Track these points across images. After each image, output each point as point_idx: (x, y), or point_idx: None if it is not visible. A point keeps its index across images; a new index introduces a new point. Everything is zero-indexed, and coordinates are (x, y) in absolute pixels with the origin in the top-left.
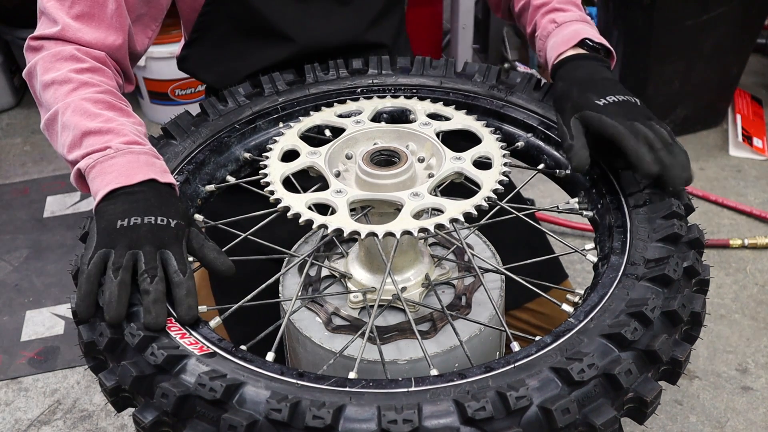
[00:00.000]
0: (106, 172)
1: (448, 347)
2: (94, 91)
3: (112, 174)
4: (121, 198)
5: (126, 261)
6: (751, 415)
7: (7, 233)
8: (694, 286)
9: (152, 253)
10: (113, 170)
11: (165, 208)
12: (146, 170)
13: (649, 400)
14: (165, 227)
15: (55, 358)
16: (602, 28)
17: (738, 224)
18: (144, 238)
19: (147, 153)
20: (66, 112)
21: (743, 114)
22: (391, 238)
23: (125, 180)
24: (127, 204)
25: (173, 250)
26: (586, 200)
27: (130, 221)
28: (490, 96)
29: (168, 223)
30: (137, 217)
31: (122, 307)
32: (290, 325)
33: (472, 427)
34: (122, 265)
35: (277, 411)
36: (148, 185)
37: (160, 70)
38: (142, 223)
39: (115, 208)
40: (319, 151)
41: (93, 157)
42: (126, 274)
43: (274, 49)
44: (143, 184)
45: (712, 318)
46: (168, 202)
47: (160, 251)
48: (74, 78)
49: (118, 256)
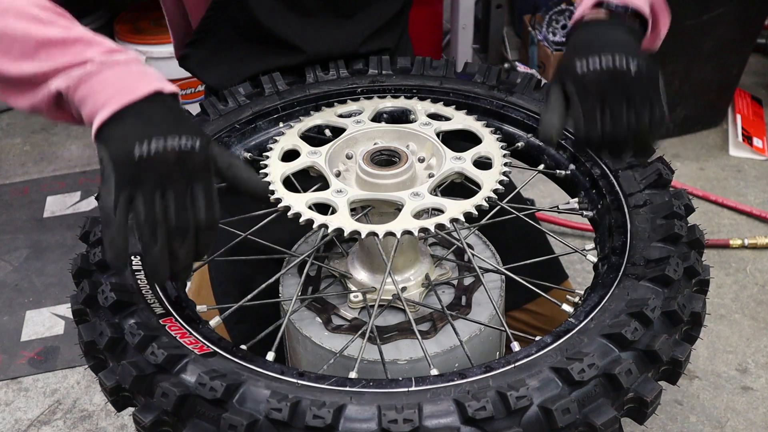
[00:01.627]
0: (97, 90)
1: (448, 347)
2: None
3: (108, 91)
4: (128, 119)
5: (160, 213)
6: (751, 415)
7: (7, 233)
8: (694, 286)
9: (183, 195)
10: (106, 86)
11: (184, 126)
12: (146, 80)
13: (649, 400)
14: (191, 153)
15: (55, 358)
16: None
17: (738, 224)
18: (173, 172)
19: (135, 61)
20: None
21: (743, 114)
22: (391, 238)
23: (127, 96)
24: (139, 124)
25: (204, 185)
26: (586, 200)
27: (151, 148)
28: (490, 96)
29: (193, 147)
30: (158, 140)
31: (166, 272)
32: (290, 325)
33: (472, 427)
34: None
35: (277, 410)
36: (155, 99)
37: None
38: (165, 150)
39: (126, 131)
40: (320, 151)
41: (72, 74)
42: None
43: (278, 56)
44: (150, 98)
45: (712, 318)
46: (183, 116)
47: (191, 189)
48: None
49: (148, 203)
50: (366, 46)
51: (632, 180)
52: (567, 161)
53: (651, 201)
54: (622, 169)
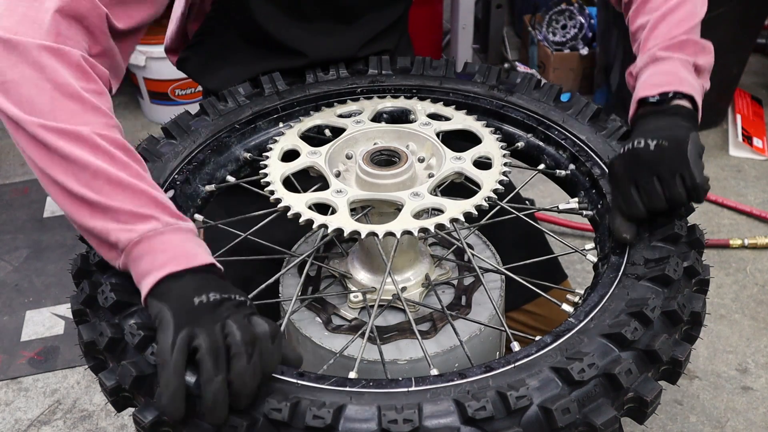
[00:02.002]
0: (159, 249)
1: (448, 347)
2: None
3: (169, 253)
4: (186, 280)
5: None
6: (751, 415)
7: (7, 233)
8: (694, 285)
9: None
10: (168, 248)
11: (236, 290)
12: (204, 252)
13: (649, 399)
14: (245, 304)
15: (55, 358)
16: (602, 29)
17: (738, 224)
18: (232, 311)
19: (193, 231)
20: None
21: (743, 114)
22: (391, 238)
23: (188, 261)
24: (197, 284)
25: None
26: (586, 200)
27: (210, 297)
28: (490, 96)
29: (246, 301)
30: (215, 294)
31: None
32: (290, 325)
33: (472, 427)
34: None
35: (277, 411)
36: (210, 270)
37: (160, 70)
38: (223, 299)
39: (185, 288)
40: (320, 151)
41: (137, 228)
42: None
43: (279, 61)
44: (206, 268)
45: (712, 318)
46: (233, 287)
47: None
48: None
49: (210, 335)
50: (365, 50)
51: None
52: (567, 161)
53: None
54: None
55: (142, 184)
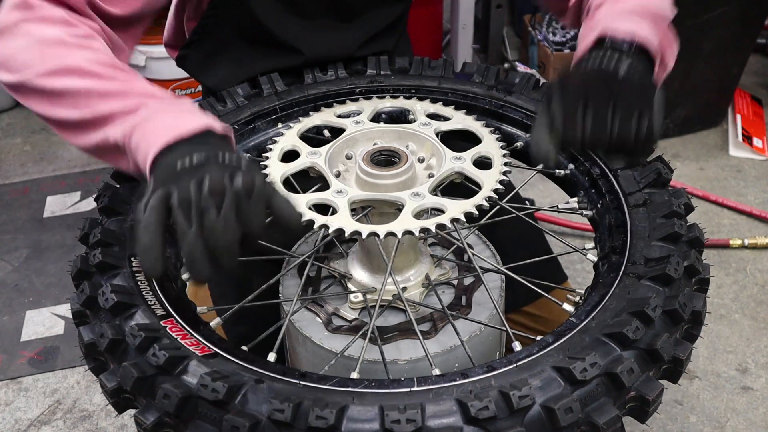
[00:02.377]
0: (149, 132)
1: (448, 347)
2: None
3: (159, 132)
4: (179, 148)
5: (194, 190)
6: (751, 415)
7: (7, 233)
8: (695, 285)
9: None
10: (157, 128)
11: (230, 150)
12: (198, 119)
13: (650, 399)
14: (235, 166)
15: (55, 358)
16: None
17: (738, 224)
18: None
19: (189, 105)
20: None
21: (743, 114)
22: (391, 238)
23: (177, 130)
24: (186, 150)
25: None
26: (585, 200)
27: (193, 159)
28: (489, 96)
29: (238, 163)
30: (200, 155)
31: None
32: (290, 326)
33: (475, 427)
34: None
35: (280, 411)
36: (206, 135)
37: (160, 70)
38: (207, 160)
39: (173, 158)
40: (319, 152)
41: (127, 121)
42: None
43: (277, 58)
44: (201, 134)
45: (712, 318)
46: (231, 150)
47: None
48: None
49: (183, 190)
50: (364, 49)
51: (631, 179)
52: (566, 161)
53: (651, 200)
54: (621, 169)
55: (127, 85)
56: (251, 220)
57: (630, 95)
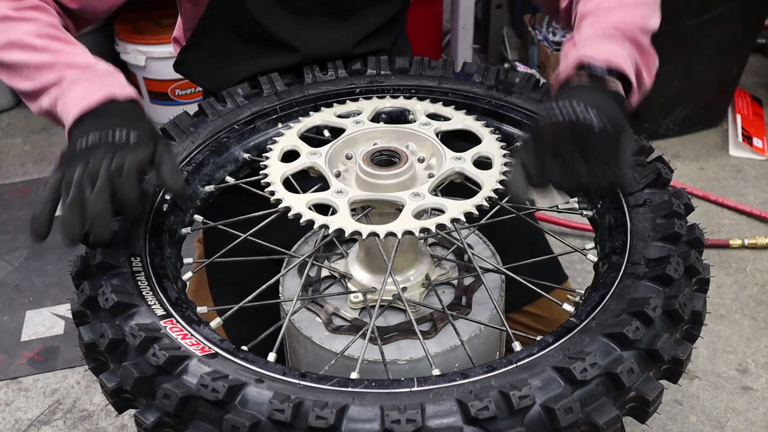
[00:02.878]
0: (67, 103)
1: (448, 347)
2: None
3: (73, 101)
4: (85, 122)
5: (78, 174)
6: (751, 415)
7: (7, 233)
8: (695, 285)
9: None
10: (72, 100)
11: (127, 124)
12: (102, 89)
13: (651, 399)
14: (123, 144)
15: (55, 358)
16: None
17: (738, 224)
18: (99, 152)
19: (103, 74)
20: (11, 51)
21: (743, 114)
22: (391, 238)
23: (84, 103)
24: (88, 126)
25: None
26: (585, 200)
27: (88, 141)
28: (489, 96)
29: (127, 140)
30: (95, 134)
31: (77, 226)
32: (291, 326)
33: (475, 427)
34: (73, 181)
35: (280, 411)
36: (109, 105)
37: (160, 70)
38: (99, 142)
39: (78, 134)
40: (319, 152)
41: (51, 93)
42: (78, 190)
43: (274, 57)
44: (104, 104)
45: (712, 318)
46: (130, 117)
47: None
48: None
49: (71, 173)
50: (361, 47)
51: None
52: None
53: (650, 200)
54: None
55: (56, 57)
56: (123, 193)
57: (599, 145)
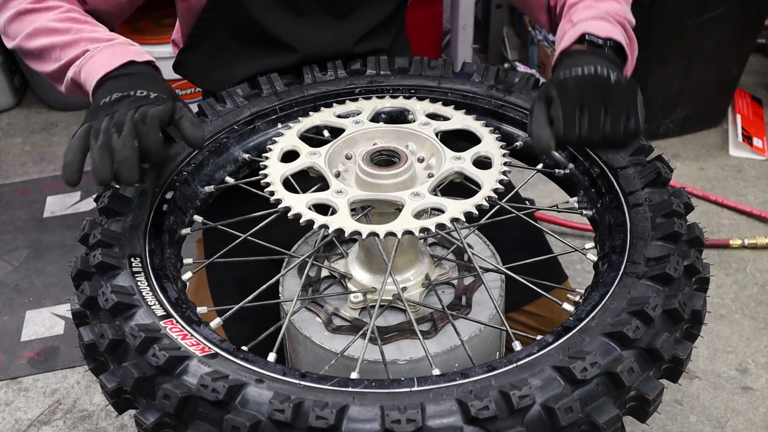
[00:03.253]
0: (90, 69)
1: (448, 347)
2: (57, 13)
3: (96, 67)
4: (107, 84)
5: (105, 124)
6: (751, 415)
7: (7, 233)
8: (695, 284)
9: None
10: (95, 65)
11: (146, 84)
12: (123, 55)
13: (651, 398)
14: (144, 97)
15: (55, 358)
16: None
17: (738, 224)
18: (122, 106)
19: (122, 43)
20: (36, 38)
21: (743, 114)
22: (391, 238)
23: (107, 67)
24: (112, 86)
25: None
26: (585, 199)
27: (112, 97)
28: (488, 96)
29: (147, 95)
30: (118, 93)
31: (107, 169)
32: (291, 326)
33: (475, 427)
34: (101, 129)
35: (280, 411)
36: (130, 67)
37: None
38: (122, 96)
39: (102, 93)
40: (319, 152)
41: (76, 63)
42: (106, 137)
43: (273, 57)
44: (124, 66)
45: (712, 318)
46: (150, 78)
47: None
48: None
49: (98, 123)
50: (359, 46)
51: (631, 179)
52: (566, 160)
53: (650, 199)
54: (621, 168)
55: (78, 35)
56: (148, 140)
57: (619, 98)
